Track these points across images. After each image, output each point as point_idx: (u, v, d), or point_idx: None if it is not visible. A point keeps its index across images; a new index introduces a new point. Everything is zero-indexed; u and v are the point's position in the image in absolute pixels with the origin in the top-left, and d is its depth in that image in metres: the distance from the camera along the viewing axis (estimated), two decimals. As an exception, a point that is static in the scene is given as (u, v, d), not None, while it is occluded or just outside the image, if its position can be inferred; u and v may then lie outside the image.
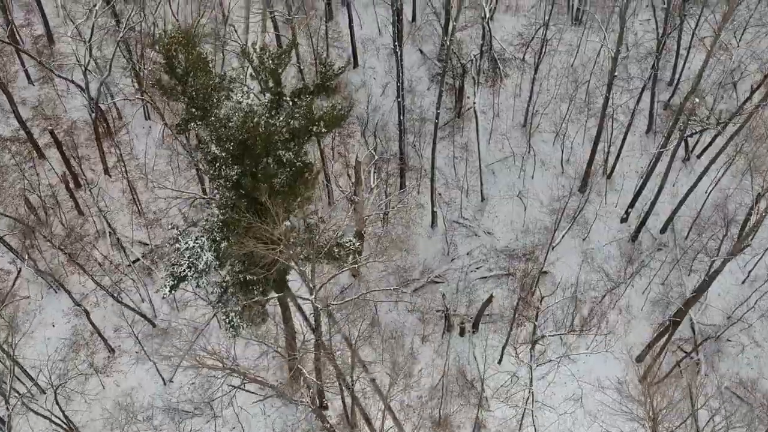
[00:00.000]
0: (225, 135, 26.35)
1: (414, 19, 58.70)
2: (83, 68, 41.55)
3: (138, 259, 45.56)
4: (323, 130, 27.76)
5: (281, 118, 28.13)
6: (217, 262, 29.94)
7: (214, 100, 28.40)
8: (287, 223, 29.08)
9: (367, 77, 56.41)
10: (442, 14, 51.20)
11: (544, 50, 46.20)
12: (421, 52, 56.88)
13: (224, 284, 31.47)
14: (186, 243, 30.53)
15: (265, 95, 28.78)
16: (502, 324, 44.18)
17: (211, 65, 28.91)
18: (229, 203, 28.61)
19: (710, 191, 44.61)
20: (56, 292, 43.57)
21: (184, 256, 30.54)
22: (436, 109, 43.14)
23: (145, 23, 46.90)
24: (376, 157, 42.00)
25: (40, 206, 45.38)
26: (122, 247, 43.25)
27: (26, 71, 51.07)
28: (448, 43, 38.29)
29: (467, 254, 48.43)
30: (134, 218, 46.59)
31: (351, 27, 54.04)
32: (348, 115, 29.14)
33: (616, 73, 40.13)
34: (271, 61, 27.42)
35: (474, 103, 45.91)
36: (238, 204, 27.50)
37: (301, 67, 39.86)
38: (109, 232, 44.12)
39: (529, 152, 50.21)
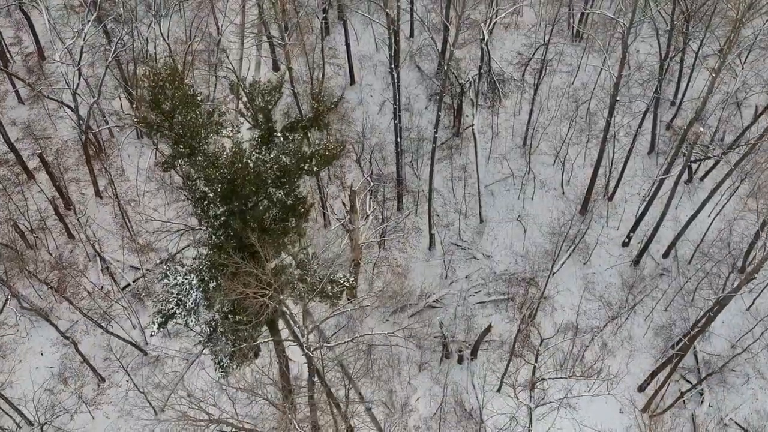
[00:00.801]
0: (213, 174, 25.35)
1: (412, 35, 57.75)
2: (72, 92, 40.58)
3: (129, 285, 44.62)
4: (315, 168, 26.75)
5: (272, 155, 27.16)
6: (206, 302, 28.98)
7: (202, 136, 27.41)
8: (276, 261, 28.09)
9: (364, 95, 55.46)
10: (440, 35, 50.43)
11: (544, 71, 45.20)
12: (419, 69, 55.94)
13: (213, 323, 30.49)
14: (174, 278, 29.61)
15: (255, 131, 27.80)
16: (501, 352, 43.20)
17: (200, 98, 27.89)
18: (217, 243, 27.62)
19: (714, 217, 43.56)
20: (45, 320, 42.57)
21: (173, 293, 29.64)
22: (434, 133, 42.16)
23: (138, 41, 45.95)
24: (372, 184, 40.95)
25: (29, 231, 44.41)
26: (111, 275, 42.20)
27: (17, 92, 50.12)
28: (445, 67, 37.26)
29: (465, 278, 47.45)
30: (125, 242, 45.63)
31: (347, 44, 53.09)
32: (341, 155, 28.09)
33: (618, 97, 39.08)
34: (261, 98, 26.43)
35: (473, 125, 44.90)
36: (226, 246, 26.52)
37: (296, 90, 38.79)
38: (100, 258, 43.13)
39: (528, 173, 49.22)
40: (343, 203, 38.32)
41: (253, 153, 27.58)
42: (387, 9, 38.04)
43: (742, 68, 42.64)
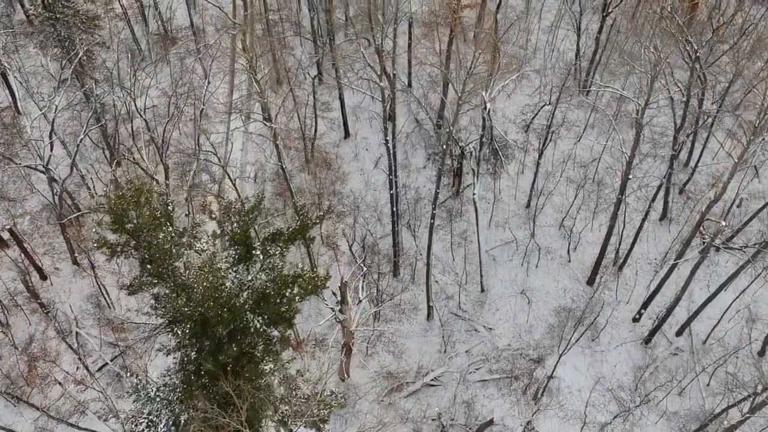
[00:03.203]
0: (183, 312, 22.52)
1: (410, 85, 54.90)
2: (44, 166, 37.78)
3: (106, 364, 41.82)
4: (297, 298, 23.92)
5: (250, 277, 24.33)
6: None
7: (174, 254, 24.59)
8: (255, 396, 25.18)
9: (359, 149, 52.66)
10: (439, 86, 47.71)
11: (549, 138, 42.34)
12: (417, 121, 53.14)
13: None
14: (147, 394, 26.99)
15: (231, 249, 24.98)
16: (504, 442, 40.41)
17: (171, 207, 25.07)
18: (188, 376, 24.79)
19: (732, 302, 40.67)
20: (15, 406, 39.80)
21: (143, 413, 26.99)
22: (432, 209, 39.34)
23: (118, 98, 43.25)
24: (365, 269, 38.12)
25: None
26: (85, 365, 39.33)
27: (-11, 151, 47.39)
28: (443, 147, 34.45)
29: (466, 353, 44.59)
30: (103, 316, 42.81)
31: (341, 99, 50.27)
32: (325, 287, 25.26)
33: (630, 176, 36.23)
34: (238, 219, 23.61)
35: (474, 194, 42.06)
36: (196, 388, 23.69)
37: (280, 146, 35.70)
38: (75, 346, 40.30)
39: (532, 240, 46.39)
40: (333, 293, 35.47)
41: (230, 271, 24.80)
42: (381, 83, 35.24)
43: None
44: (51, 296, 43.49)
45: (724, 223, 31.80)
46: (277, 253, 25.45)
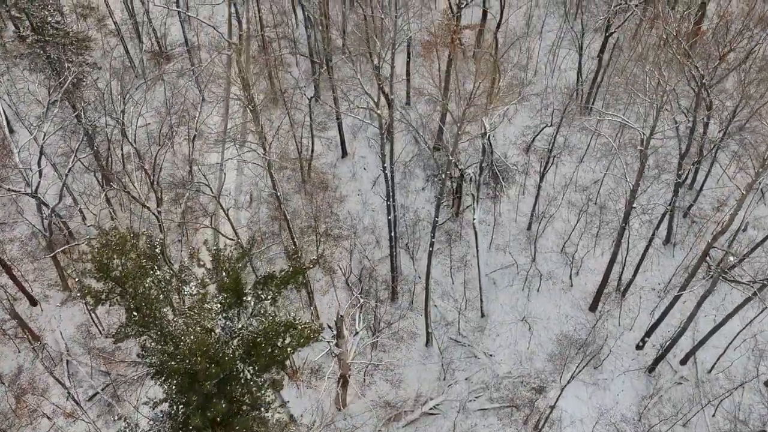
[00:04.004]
0: (170, 368, 21.53)
1: (408, 102, 53.94)
2: (32, 194, 36.79)
3: (97, 393, 40.82)
4: (289, 350, 22.92)
5: (240, 325, 23.35)
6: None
7: (162, 300, 23.60)
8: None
9: (357, 169, 51.68)
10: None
11: (550, 162, 41.35)
12: (416, 140, 52.16)
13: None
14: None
15: (220, 295, 23.97)
16: (505, 476, 39.42)
17: (157, 250, 24.07)
18: (176, 429, 23.77)
19: (739, 332, 39.67)
20: (3, 439, 38.85)
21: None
22: (431, 237, 38.37)
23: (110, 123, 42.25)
24: (362, 301, 37.12)
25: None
26: (71, 394, 38.32)
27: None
28: (443, 176, 33.46)
29: (465, 380, 43.58)
30: (93, 345, 41.81)
31: (338, 119, 49.30)
32: (318, 339, 24.27)
33: (635, 205, 35.25)
34: (227, 266, 22.62)
35: (474, 219, 41.07)
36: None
37: (274, 175, 34.70)
38: (66, 374, 39.32)
39: (533, 264, 45.40)
40: (329, 327, 34.48)
41: (220, 317, 23.81)
42: (378, 110, 34.23)
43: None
44: (41, 324, 42.50)
45: (732, 259, 30.80)
46: (269, 297, 24.48)
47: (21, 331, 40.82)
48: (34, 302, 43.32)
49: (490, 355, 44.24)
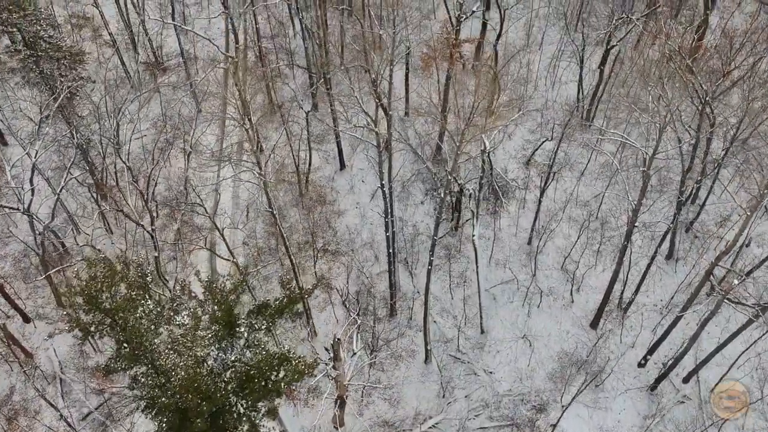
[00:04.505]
0: (161, 403, 20.92)
1: (407, 114, 53.32)
2: (24, 211, 36.18)
3: (91, 413, 40.22)
4: (283, 384, 22.33)
5: (233, 358, 22.75)
6: None
7: (153, 331, 23.01)
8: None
9: (355, 181, 51.07)
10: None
11: (551, 178, 40.75)
12: (416, 153, 51.52)
13: None
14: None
15: (213, 326, 23.37)
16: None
17: (150, 279, 23.48)
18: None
19: (744, 351, 39.03)
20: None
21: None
22: (430, 255, 37.77)
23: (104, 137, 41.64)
24: (359, 321, 36.51)
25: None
26: (63, 417, 37.70)
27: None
28: (442, 195, 32.89)
29: (465, 398, 42.97)
30: (87, 365, 41.21)
31: (336, 130, 48.69)
32: (313, 374, 23.67)
33: (636, 224, 34.63)
34: (220, 298, 22.02)
35: (473, 235, 40.46)
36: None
37: (270, 195, 33.99)
38: (59, 392, 38.72)
39: (533, 279, 44.78)
40: (326, 349, 33.87)
41: (212, 348, 23.22)
42: (375, 128, 33.65)
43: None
44: (34, 342, 41.90)
45: (737, 282, 30.18)
46: (263, 327, 23.88)
47: (12, 351, 40.19)
48: (27, 319, 42.73)
49: (490, 373, 43.64)
